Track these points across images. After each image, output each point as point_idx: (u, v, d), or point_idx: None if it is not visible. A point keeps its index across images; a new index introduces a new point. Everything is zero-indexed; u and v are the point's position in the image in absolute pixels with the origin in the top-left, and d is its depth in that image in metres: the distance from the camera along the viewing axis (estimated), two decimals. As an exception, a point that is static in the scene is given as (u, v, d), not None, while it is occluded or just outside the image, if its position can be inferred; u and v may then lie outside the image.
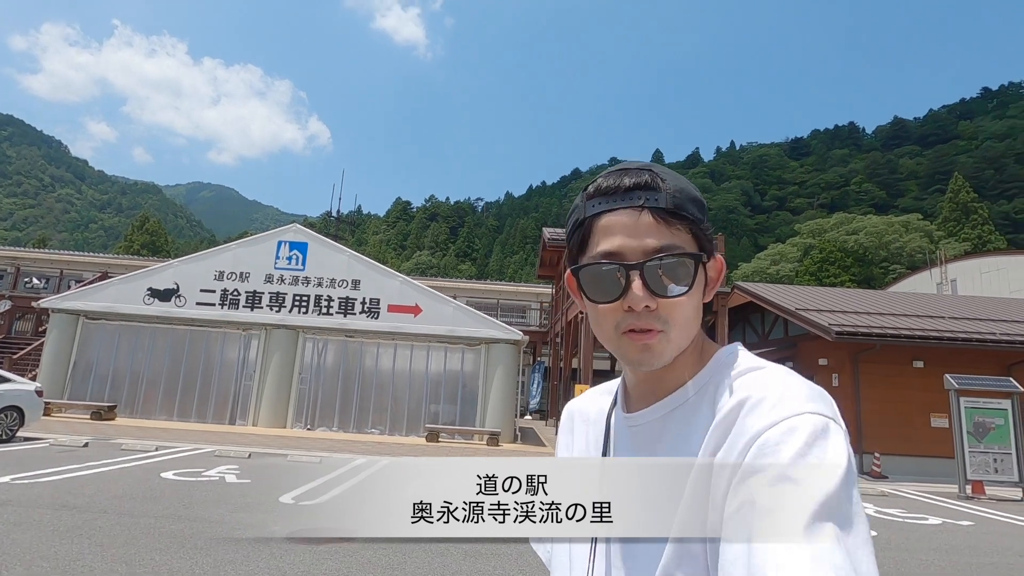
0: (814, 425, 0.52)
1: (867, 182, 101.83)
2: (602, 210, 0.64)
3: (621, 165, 0.67)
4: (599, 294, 0.63)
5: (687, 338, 0.63)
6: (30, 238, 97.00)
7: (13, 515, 5.26)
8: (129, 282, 15.60)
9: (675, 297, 0.61)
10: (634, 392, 0.71)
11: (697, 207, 0.65)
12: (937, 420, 12.66)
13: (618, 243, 0.62)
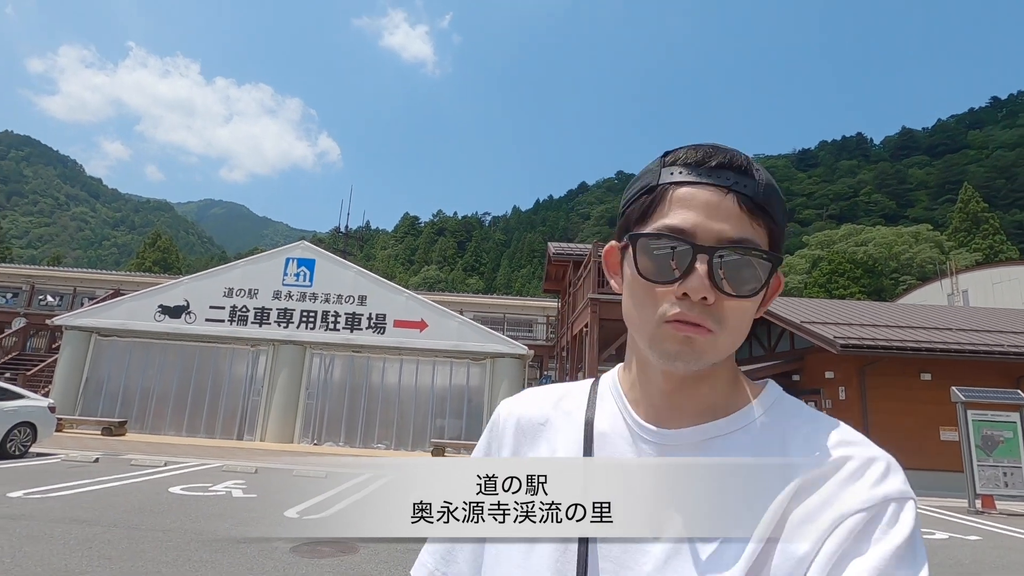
0: (913, 515, 0.50)
1: (876, 193, 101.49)
2: (681, 180, 0.57)
3: (711, 144, 0.59)
4: (654, 271, 0.55)
5: (732, 348, 0.57)
6: (45, 256, 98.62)
7: (25, 529, 5.39)
8: (141, 299, 15.89)
9: (739, 298, 0.54)
10: (649, 404, 0.62)
11: (782, 209, 0.59)
12: (946, 433, 12.54)
13: (692, 220, 0.55)
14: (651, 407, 0.61)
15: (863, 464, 0.52)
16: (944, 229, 56.87)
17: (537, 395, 0.71)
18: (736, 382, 0.62)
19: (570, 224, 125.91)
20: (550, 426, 0.66)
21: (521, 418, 0.69)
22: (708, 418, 0.59)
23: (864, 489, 0.50)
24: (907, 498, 0.51)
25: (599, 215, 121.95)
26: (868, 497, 0.50)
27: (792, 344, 16.06)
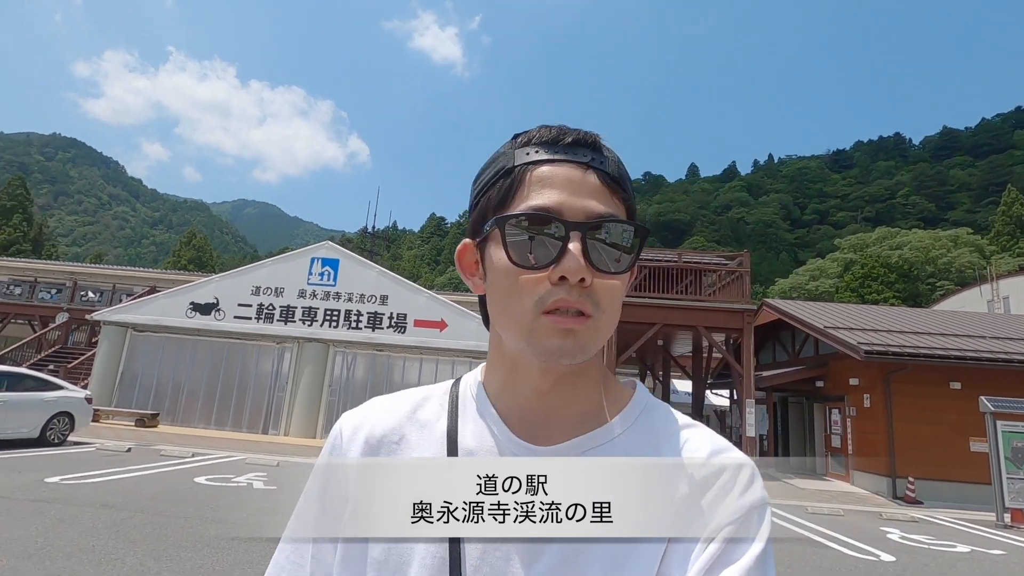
0: (769, 519, 0.53)
1: (915, 195, 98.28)
2: (540, 159, 0.54)
3: (558, 124, 0.57)
4: (525, 256, 0.52)
5: (610, 332, 0.54)
6: (88, 253, 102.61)
7: (59, 512, 5.73)
8: (173, 296, 16.50)
9: (615, 275, 0.52)
10: (520, 413, 0.58)
11: (631, 185, 0.59)
12: (977, 444, 12.14)
13: (557, 198, 0.52)
14: (523, 418, 0.57)
15: (734, 471, 0.53)
16: (986, 233, 54.79)
17: (387, 405, 0.63)
18: (607, 381, 0.60)
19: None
20: (406, 443, 0.59)
21: (370, 436, 0.60)
22: (584, 428, 0.56)
23: (735, 499, 0.51)
24: (766, 504, 0.53)
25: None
26: (738, 507, 0.51)
27: (816, 349, 15.76)
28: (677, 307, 14.40)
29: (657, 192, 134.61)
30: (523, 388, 0.57)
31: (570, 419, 0.57)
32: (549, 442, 0.56)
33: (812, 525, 8.42)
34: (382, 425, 0.61)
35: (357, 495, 0.55)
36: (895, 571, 6.09)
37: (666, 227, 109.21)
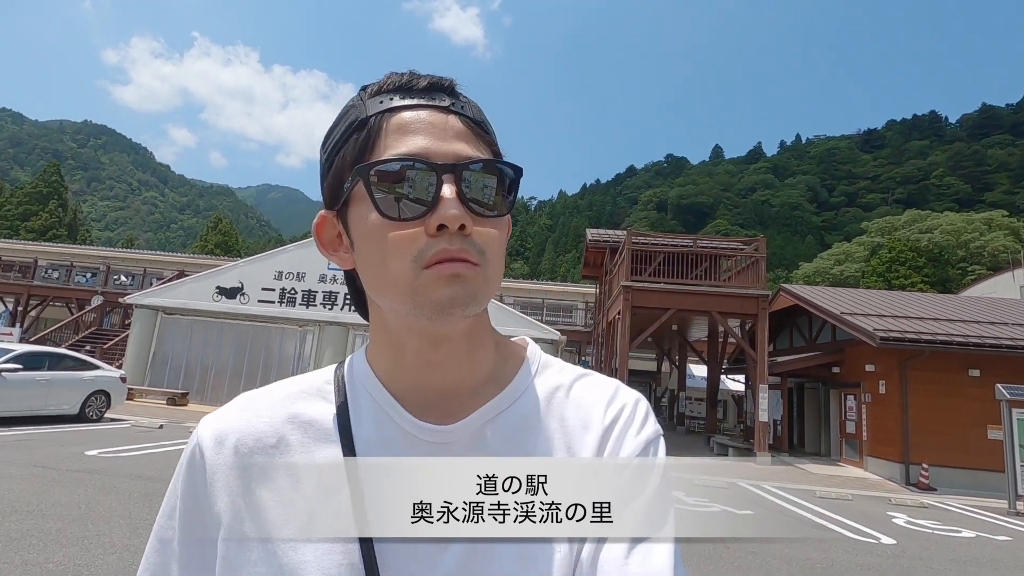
0: (663, 447, 0.56)
1: (949, 175, 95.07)
2: (397, 106, 0.50)
3: (409, 70, 0.54)
4: (397, 209, 0.47)
5: (498, 282, 0.51)
6: (120, 238, 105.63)
7: (100, 482, 6.20)
8: (200, 281, 17.10)
9: (494, 219, 0.49)
10: (413, 392, 0.54)
11: (491, 128, 0.55)
12: (994, 432, 12.01)
13: (422, 144, 0.48)
14: (421, 397, 0.53)
15: (632, 410, 0.55)
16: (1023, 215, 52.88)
17: (256, 403, 0.56)
18: (498, 346, 0.58)
19: (617, 208, 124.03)
20: (286, 446, 0.52)
21: (240, 444, 0.53)
22: (484, 398, 0.53)
23: (635, 435, 0.53)
24: (660, 435, 0.56)
25: (647, 199, 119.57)
26: (639, 442, 0.53)
27: (833, 336, 15.66)
28: (692, 292, 14.43)
29: (680, 174, 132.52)
30: (414, 363, 0.53)
31: (469, 390, 0.54)
32: (453, 419, 0.52)
33: (818, 509, 8.54)
34: (254, 427, 0.53)
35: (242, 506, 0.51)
36: (892, 553, 6.22)
37: (688, 210, 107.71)
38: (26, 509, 4.94)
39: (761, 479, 11.08)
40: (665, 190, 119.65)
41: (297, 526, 0.48)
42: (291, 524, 0.49)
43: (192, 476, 0.54)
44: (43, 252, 33.21)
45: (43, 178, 67.92)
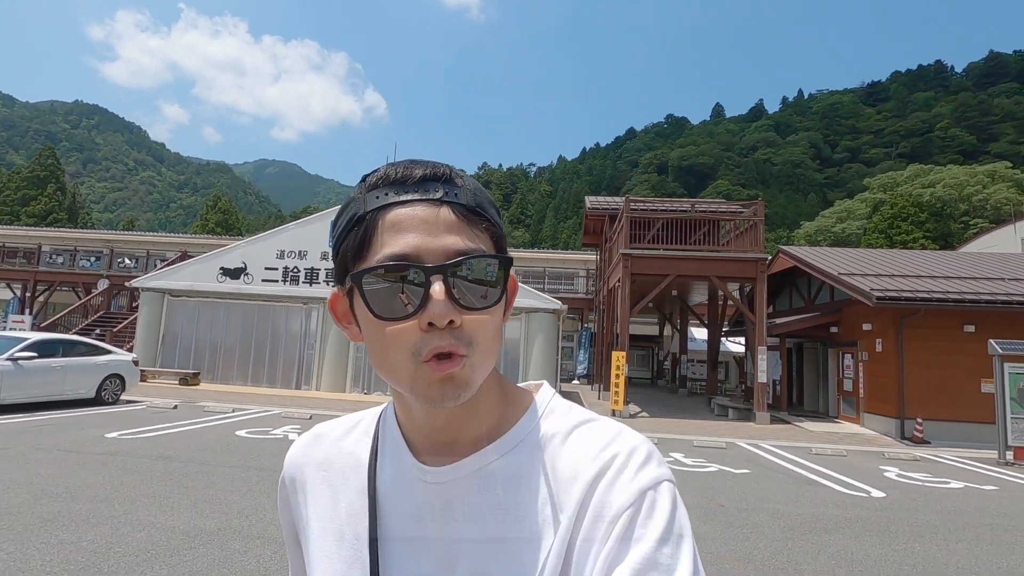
0: (669, 497, 0.52)
1: (954, 127, 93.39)
2: (391, 202, 0.53)
3: (408, 160, 0.57)
4: (390, 308, 0.51)
5: (491, 365, 0.55)
6: (120, 219, 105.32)
7: (122, 463, 6.49)
8: (204, 262, 17.27)
9: (484, 310, 0.52)
10: (420, 438, 0.59)
11: (495, 209, 0.58)
12: (987, 386, 12.28)
13: (413, 242, 0.51)
14: (428, 445, 0.59)
15: (625, 457, 0.53)
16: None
17: (322, 433, 0.68)
18: (504, 397, 0.60)
19: (617, 172, 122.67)
20: (332, 470, 0.63)
21: (308, 467, 0.66)
22: (481, 445, 0.57)
23: (626, 484, 0.51)
24: (661, 481, 0.52)
25: (647, 162, 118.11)
26: (630, 492, 0.51)
27: (831, 296, 15.82)
28: (691, 258, 14.54)
29: (680, 135, 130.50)
30: (420, 422, 0.58)
31: (471, 439, 0.57)
32: (452, 460, 0.57)
33: (813, 465, 8.85)
34: (316, 453, 0.66)
35: (295, 519, 0.66)
36: (881, 506, 6.51)
37: (689, 172, 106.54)
38: (55, 491, 5.22)
39: (760, 438, 11.42)
40: (666, 152, 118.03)
41: (332, 540, 0.60)
42: (328, 537, 0.61)
43: (281, 492, 0.69)
44: (46, 237, 33.35)
45: (39, 161, 67.47)
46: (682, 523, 0.51)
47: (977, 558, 4.76)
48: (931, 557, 4.73)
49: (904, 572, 4.35)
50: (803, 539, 5.05)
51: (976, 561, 4.69)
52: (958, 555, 4.82)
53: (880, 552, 4.79)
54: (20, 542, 3.96)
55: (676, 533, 0.50)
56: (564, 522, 0.52)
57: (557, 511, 0.53)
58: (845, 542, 5.01)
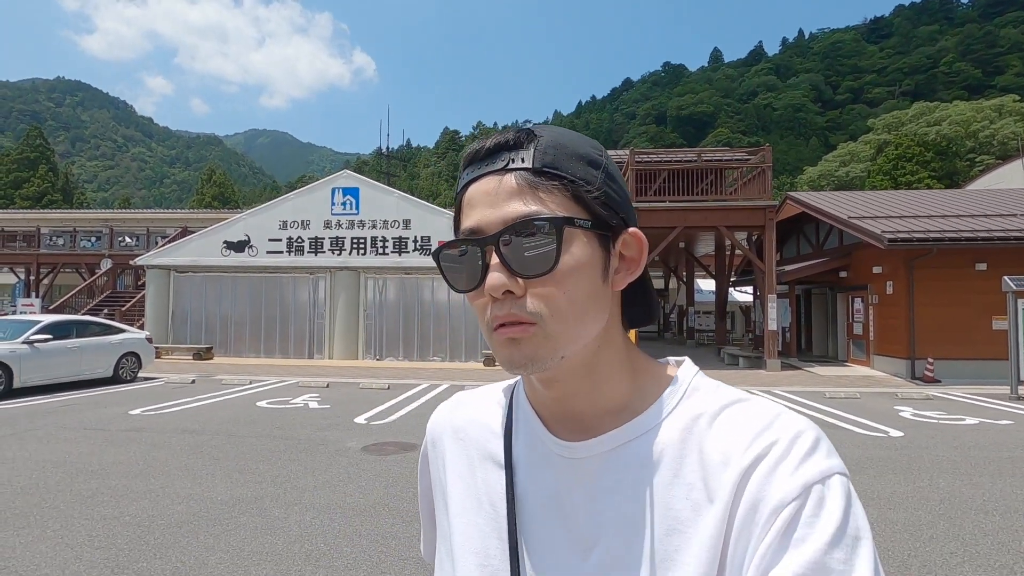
0: (842, 492, 0.46)
1: (959, 61, 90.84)
2: (468, 180, 0.54)
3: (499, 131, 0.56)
4: (463, 282, 0.52)
5: (579, 335, 0.51)
6: (115, 198, 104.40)
7: (150, 439, 6.58)
8: (207, 236, 17.14)
9: (542, 277, 0.49)
10: (549, 414, 0.58)
11: (584, 164, 0.53)
12: (999, 323, 12.31)
13: (477, 216, 0.52)
14: (554, 417, 0.57)
15: (787, 445, 0.48)
16: (1036, 98, 50.91)
17: (460, 403, 0.68)
18: (637, 371, 0.57)
19: (615, 125, 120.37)
20: (470, 440, 0.63)
21: (448, 431, 0.66)
22: (617, 422, 0.54)
23: (787, 476, 0.46)
24: (832, 474, 0.46)
25: (645, 113, 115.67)
26: (793, 486, 0.46)
27: (841, 240, 15.69)
28: (698, 209, 14.36)
29: (678, 84, 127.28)
30: (540, 392, 0.57)
31: (598, 414, 0.55)
32: (585, 437, 0.55)
33: (828, 408, 8.96)
34: (453, 423, 0.66)
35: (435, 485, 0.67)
36: (900, 444, 6.60)
37: (688, 121, 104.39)
38: (89, 469, 5.30)
39: (772, 385, 11.53)
40: (664, 101, 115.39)
41: (472, 505, 0.59)
42: (468, 502, 0.60)
43: (422, 458, 0.70)
44: (44, 220, 33.05)
45: (27, 142, 66.35)
46: (859, 524, 0.45)
47: (1002, 490, 4.84)
48: (957, 492, 4.80)
49: (932, 507, 4.42)
50: (828, 480, 5.13)
51: (1002, 493, 4.77)
52: (983, 488, 4.90)
53: (905, 489, 4.86)
54: (64, 519, 4.03)
55: (851, 535, 0.44)
56: (715, 512, 0.48)
57: (706, 499, 0.49)
58: (870, 481, 5.09)
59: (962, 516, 4.23)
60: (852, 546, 0.44)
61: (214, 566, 3.31)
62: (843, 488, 0.46)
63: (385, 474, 5.28)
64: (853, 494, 0.47)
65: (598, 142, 0.57)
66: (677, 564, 0.48)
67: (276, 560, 3.41)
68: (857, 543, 0.44)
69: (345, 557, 3.46)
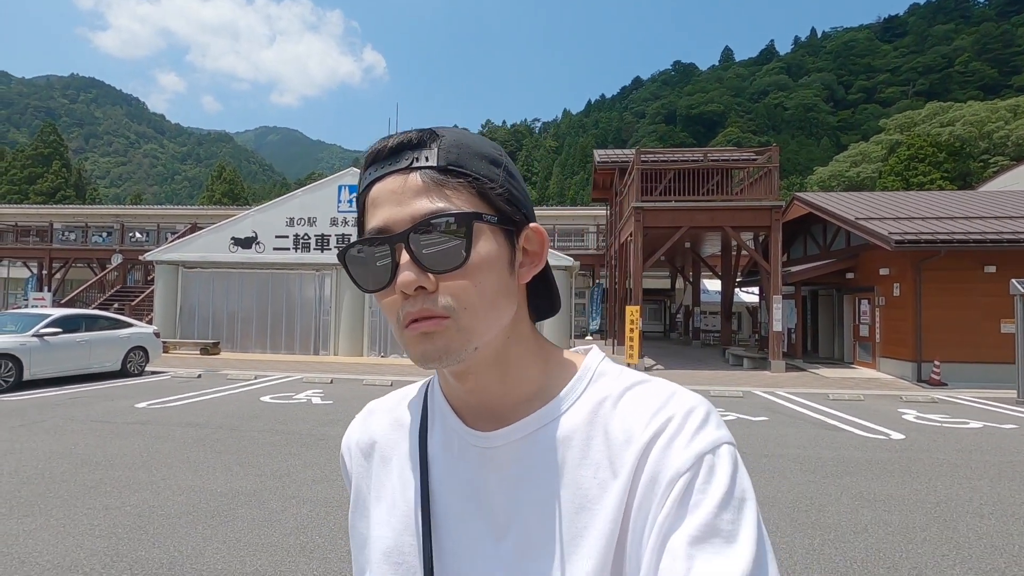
0: (729, 460, 0.49)
1: (975, 60, 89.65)
2: (371, 180, 0.54)
3: (398, 132, 0.56)
4: (371, 281, 0.52)
5: (489, 327, 0.52)
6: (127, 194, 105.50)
7: (154, 432, 6.68)
8: (215, 233, 17.31)
9: (453, 272, 0.50)
10: (462, 404, 0.59)
11: (487, 163, 0.54)
12: (1007, 326, 12.19)
13: (384, 216, 0.52)
14: (468, 409, 0.59)
15: (681, 420, 0.51)
16: (1053, 99, 50.14)
17: (376, 410, 0.68)
18: (547, 361, 0.59)
19: (624, 124, 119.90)
20: (386, 444, 0.64)
21: (359, 444, 0.65)
22: (528, 410, 0.56)
23: (682, 448, 0.49)
24: (721, 444, 0.50)
25: (655, 112, 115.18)
26: (687, 456, 0.49)
27: (848, 241, 15.57)
28: (704, 208, 14.31)
29: (688, 83, 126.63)
30: (453, 385, 0.59)
31: (512, 403, 0.57)
32: (497, 427, 0.56)
33: (830, 410, 8.92)
34: (370, 430, 0.66)
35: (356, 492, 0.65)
36: (900, 447, 6.57)
37: (698, 120, 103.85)
38: (95, 460, 5.40)
39: (776, 386, 11.49)
40: (673, 100, 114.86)
41: (385, 507, 0.60)
42: (381, 505, 0.61)
43: (343, 469, 0.69)
44: (57, 215, 33.51)
45: (41, 138, 67.17)
46: (743, 487, 0.49)
47: (999, 494, 4.81)
48: (953, 495, 4.79)
49: (927, 510, 4.41)
50: (825, 481, 5.12)
51: (999, 497, 4.74)
52: (981, 492, 4.87)
53: (902, 492, 4.85)
54: (68, 508, 4.12)
55: (737, 497, 0.48)
56: (618, 487, 0.51)
57: (611, 475, 0.52)
58: (867, 483, 5.08)
59: (957, 519, 4.22)
60: (738, 508, 0.48)
61: (210, 556, 3.38)
62: (730, 456, 0.50)
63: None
64: (739, 461, 0.51)
65: (499, 144, 0.58)
66: (585, 540, 0.50)
67: (272, 551, 3.47)
68: (743, 504, 0.48)
69: (339, 550, 3.52)
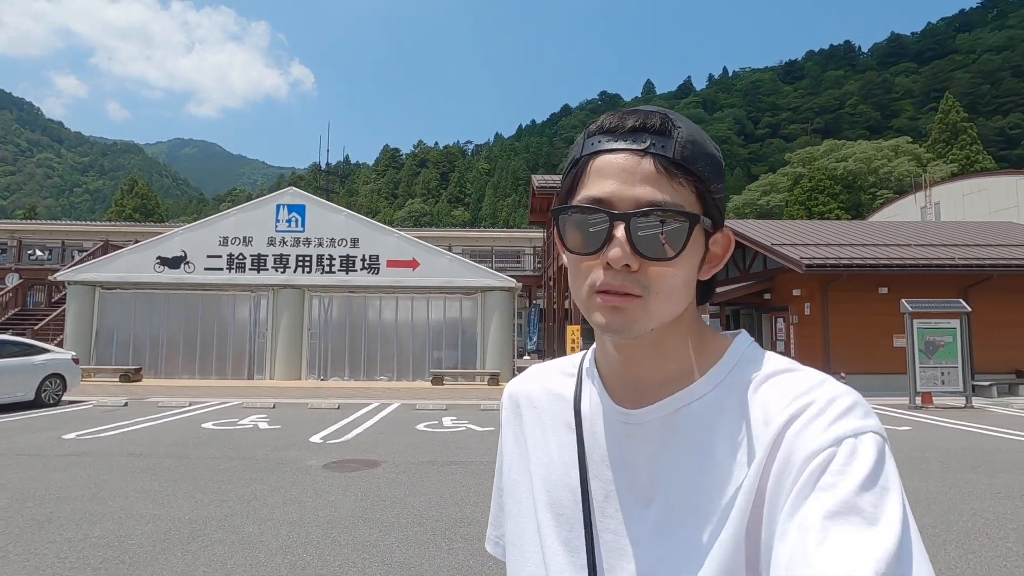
0: (874, 447, 0.48)
1: (862, 104, 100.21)
2: (599, 149, 0.56)
3: (634, 107, 0.59)
4: (578, 244, 0.56)
5: (670, 313, 0.56)
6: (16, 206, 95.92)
7: (94, 463, 6.31)
8: (139, 251, 16.32)
9: (661, 261, 0.54)
10: (615, 380, 0.63)
11: (711, 166, 0.57)
12: (899, 341, 13.80)
13: (609, 188, 0.54)
14: (619, 385, 0.62)
15: (823, 405, 0.51)
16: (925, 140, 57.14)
17: (536, 375, 0.74)
18: (700, 343, 0.61)
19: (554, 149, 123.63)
20: (541, 407, 0.69)
21: (519, 397, 0.72)
22: (671, 390, 0.59)
23: (820, 431, 0.49)
24: (866, 431, 0.49)
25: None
26: (825, 438, 0.48)
27: (765, 265, 17.04)
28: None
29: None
30: (610, 360, 0.62)
31: (658, 382, 0.60)
32: (640, 405, 0.59)
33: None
34: (531, 388, 0.72)
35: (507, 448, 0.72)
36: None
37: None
38: (37, 495, 5.07)
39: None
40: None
41: (545, 464, 0.66)
42: (541, 461, 0.67)
43: (503, 414, 0.75)
44: (-62, 229, 30.06)
45: (-85, 144, 60.08)
46: (889, 477, 0.47)
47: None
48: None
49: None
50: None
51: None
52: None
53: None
54: (25, 544, 3.91)
55: (881, 485, 0.46)
56: (755, 466, 0.52)
57: (748, 455, 0.53)
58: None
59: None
60: (881, 494, 0.46)
61: (200, 580, 3.36)
62: (876, 445, 0.48)
63: (353, 488, 5.38)
64: (888, 453, 0.49)
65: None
66: (723, 516, 0.53)
67: (261, 571, 3.50)
68: (886, 491, 0.46)
69: (330, 566, 3.60)
